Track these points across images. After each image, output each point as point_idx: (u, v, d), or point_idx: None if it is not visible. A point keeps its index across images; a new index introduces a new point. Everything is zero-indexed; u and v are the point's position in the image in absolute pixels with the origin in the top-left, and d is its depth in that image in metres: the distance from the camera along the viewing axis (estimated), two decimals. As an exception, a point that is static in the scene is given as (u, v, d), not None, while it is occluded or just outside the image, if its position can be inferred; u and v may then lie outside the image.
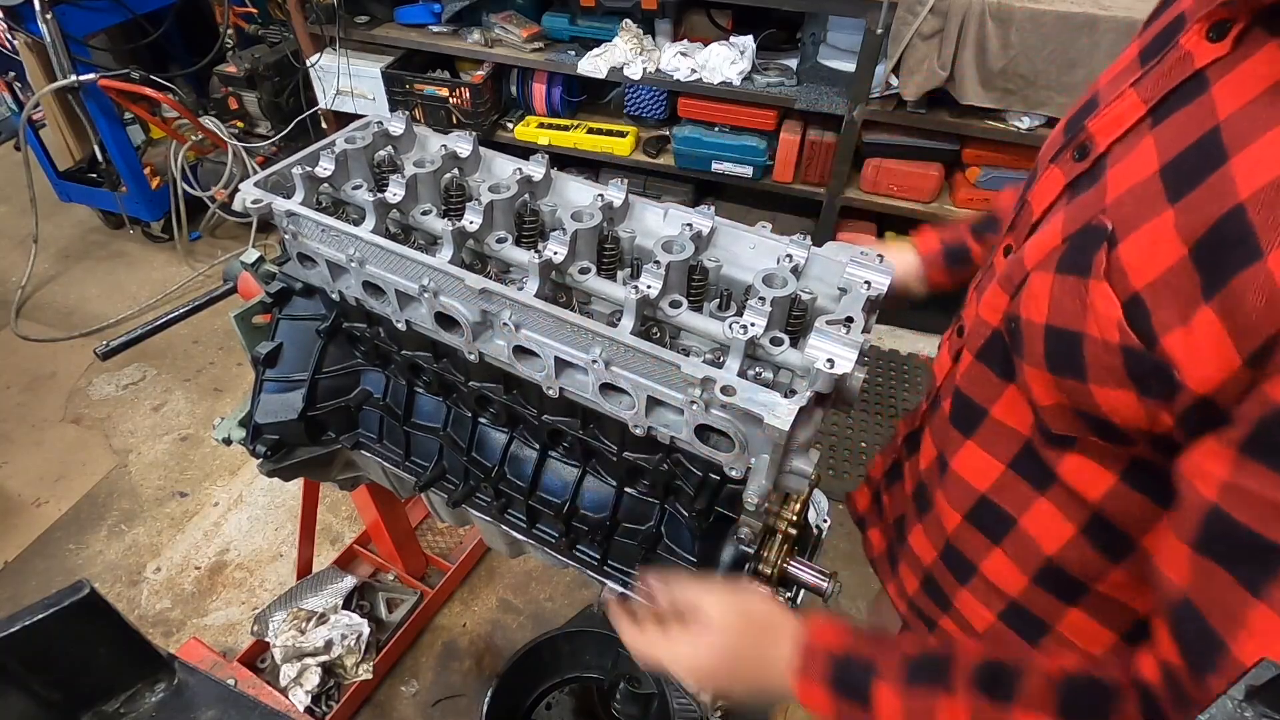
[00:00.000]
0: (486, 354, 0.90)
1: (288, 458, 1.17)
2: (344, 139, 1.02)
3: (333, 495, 2.31)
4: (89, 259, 3.39)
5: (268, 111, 3.18)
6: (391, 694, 1.90)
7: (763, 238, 0.89)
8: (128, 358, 2.76)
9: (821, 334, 0.74)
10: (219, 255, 3.35)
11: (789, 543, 0.97)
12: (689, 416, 0.78)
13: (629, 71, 2.50)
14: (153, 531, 2.29)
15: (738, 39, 2.49)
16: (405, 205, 0.95)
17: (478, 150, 1.04)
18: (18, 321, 3.03)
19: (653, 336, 0.84)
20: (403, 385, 1.12)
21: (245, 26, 3.36)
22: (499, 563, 2.19)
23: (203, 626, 2.05)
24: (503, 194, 0.92)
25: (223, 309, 1.35)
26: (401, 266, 0.89)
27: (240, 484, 2.42)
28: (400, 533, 1.91)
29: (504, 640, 2.02)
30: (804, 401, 0.71)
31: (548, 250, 0.85)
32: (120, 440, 2.56)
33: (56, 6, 2.58)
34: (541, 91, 2.79)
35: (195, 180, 3.13)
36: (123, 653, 1.00)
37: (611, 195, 0.93)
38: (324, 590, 1.93)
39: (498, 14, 2.69)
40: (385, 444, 1.18)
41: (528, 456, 1.05)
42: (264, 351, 1.11)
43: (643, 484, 0.99)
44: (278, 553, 2.23)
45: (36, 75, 2.80)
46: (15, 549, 2.22)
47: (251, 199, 0.94)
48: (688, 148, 2.61)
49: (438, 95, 2.78)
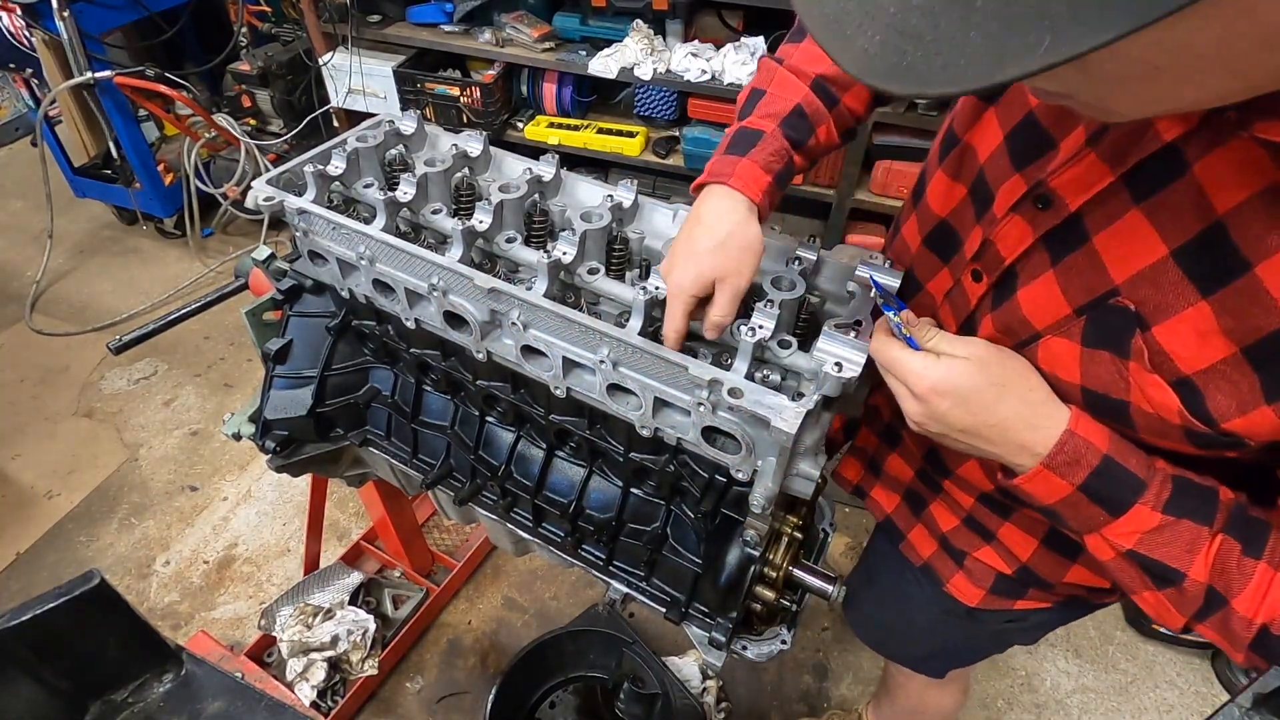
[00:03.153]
0: (494, 353, 0.91)
1: (296, 454, 1.17)
2: (355, 137, 1.02)
3: (340, 491, 2.32)
4: (103, 254, 3.42)
5: (280, 109, 3.20)
6: (396, 690, 1.91)
7: (772, 240, 0.89)
8: (140, 352, 2.78)
9: (830, 337, 0.73)
10: (231, 252, 3.37)
11: (795, 546, 0.97)
12: (696, 418, 0.78)
13: (639, 72, 2.50)
14: (162, 525, 2.31)
15: (749, 40, 2.49)
16: (416, 204, 0.96)
17: (488, 150, 1.05)
18: (32, 315, 3.06)
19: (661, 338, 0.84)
20: (411, 383, 1.13)
21: (259, 25, 3.38)
22: (504, 561, 2.20)
23: (210, 620, 2.07)
24: (513, 193, 0.93)
25: (234, 305, 1.36)
26: (411, 265, 0.89)
27: (249, 479, 2.43)
28: (407, 530, 1.92)
29: (509, 638, 2.02)
30: (811, 405, 0.71)
31: (557, 250, 0.85)
32: (131, 434, 2.58)
33: (74, 4, 2.61)
34: (552, 91, 2.80)
35: (208, 177, 3.15)
36: (132, 643, 1.01)
37: (621, 196, 0.94)
38: (331, 586, 1.94)
39: (509, 14, 2.69)
40: (393, 441, 1.19)
41: (534, 455, 1.06)
42: (274, 348, 1.11)
43: (649, 485, 1.00)
44: (285, 548, 2.24)
45: (53, 72, 2.83)
46: (27, 540, 2.25)
47: (264, 196, 0.95)
48: (697, 148, 2.61)
49: (449, 94, 2.79)
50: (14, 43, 2.85)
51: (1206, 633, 0.64)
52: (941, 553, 1.01)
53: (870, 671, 1.96)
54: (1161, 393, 0.58)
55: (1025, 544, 0.89)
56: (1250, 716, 0.32)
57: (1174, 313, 0.56)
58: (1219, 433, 0.57)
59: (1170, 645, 2.00)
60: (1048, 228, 0.65)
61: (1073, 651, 2.02)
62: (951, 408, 0.64)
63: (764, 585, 0.94)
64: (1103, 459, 0.62)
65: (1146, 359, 0.58)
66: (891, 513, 1.08)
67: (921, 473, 0.99)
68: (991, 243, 0.71)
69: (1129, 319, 0.59)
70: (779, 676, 1.96)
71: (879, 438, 1.05)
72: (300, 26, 3.14)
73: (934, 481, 0.96)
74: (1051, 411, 0.64)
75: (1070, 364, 0.64)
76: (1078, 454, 0.62)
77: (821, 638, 2.04)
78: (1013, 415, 0.63)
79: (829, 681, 1.95)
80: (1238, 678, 1.89)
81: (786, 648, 0.98)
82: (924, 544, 1.04)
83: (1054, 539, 0.87)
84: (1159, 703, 1.92)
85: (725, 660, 0.97)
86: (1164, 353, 0.57)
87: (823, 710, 1.88)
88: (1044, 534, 0.87)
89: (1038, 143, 0.67)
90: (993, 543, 0.93)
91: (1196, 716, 1.89)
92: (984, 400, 0.64)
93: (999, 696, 1.93)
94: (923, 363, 0.65)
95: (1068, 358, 0.64)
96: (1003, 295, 0.71)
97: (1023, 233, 0.67)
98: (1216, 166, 0.53)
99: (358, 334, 1.13)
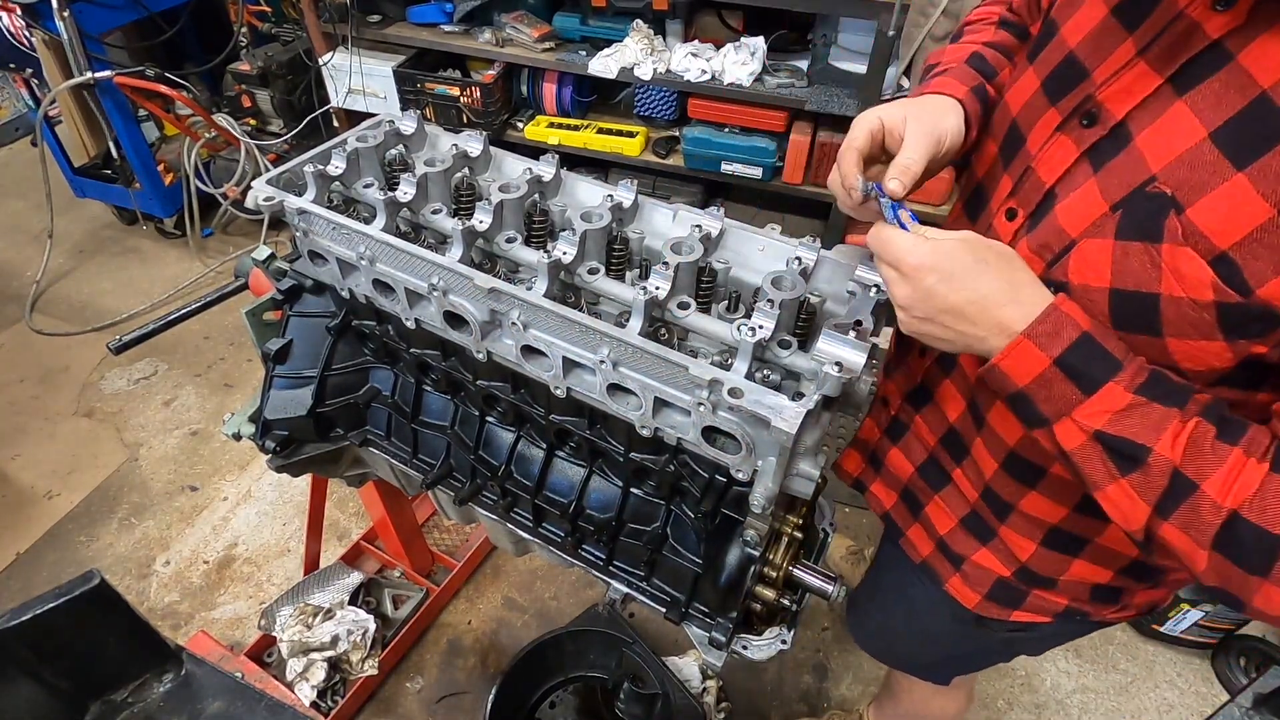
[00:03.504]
0: (495, 353, 0.91)
1: (296, 454, 1.17)
2: (355, 137, 1.02)
3: (340, 491, 2.32)
4: (103, 254, 3.42)
5: (280, 109, 3.20)
6: (396, 690, 1.91)
7: (772, 240, 0.89)
8: (140, 352, 2.78)
9: (830, 337, 0.73)
10: (231, 252, 3.37)
11: (795, 546, 0.97)
12: (696, 418, 0.78)
13: (639, 72, 2.50)
14: (162, 525, 2.31)
15: (748, 40, 2.49)
16: (416, 204, 0.96)
17: (488, 150, 1.05)
18: (32, 316, 3.06)
19: (661, 338, 0.84)
20: (411, 383, 1.13)
21: (259, 25, 3.38)
22: (504, 561, 2.20)
23: (210, 620, 2.07)
24: (513, 193, 0.93)
25: (234, 305, 1.36)
26: (411, 265, 0.89)
27: (249, 479, 2.43)
28: (407, 530, 1.92)
29: (509, 638, 2.02)
30: (811, 405, 0.71)
31: (557, 250, 0.85)
32: (131, 434, 2.58)
33: (74, 4, 2.61)
34: (552, 91, 2.80)
35: (208, 177, 3.15)
36: (132, 643, 1.01)
37: (621, 196, 0.94)
38: (331, 586, 1.94)
39: (509, 14, 2.69)
40: (393, 441, 1.19)
41: (535, 455, 1.06)
42: (274, 348, 1.11)
43: (649, 485, 1.00)
44: (285, 548, 2.24)
45: (53, 72, 2.83)
46: (27, 540, 2.25)
47: (264, 196, 0.95)
48: (697, 148, 2.61)
49: (449, 94, 2.79)
50: (14, 43, 2.85)
51: (1170, 532, 0.61)
52: (939, 554, 1.01)
53: (870, 672, 1.96)
54: (1195, 266, 0.58)
55: (1025, 544, 0.90)
56: (1250, 716, 0.32)
57: (1209, 190, 0.58)
58: (1253, 302, 0.57)
59: (1170, 645, 2.01)
60: (1093, 141, 0.67)
61: (1073, 651, 2.02)
62: (937, 283, 0.65)
63: (764, 585, 0.94)
64: (1082, 334, 0.62)
65: (1180, 236, 0.59)
66: (890, 509, 1.08)
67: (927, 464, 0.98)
68: (1032, 170, 0.73)
69: (1164, 204, 0.60)
70: (779, 676, 1.96)
71: (882, 430, 1.05)
72: (300, 26, 3.14)
73: (940, 473, 0.96)
74: (1035, 291, 0.65)
75: (1102, 265, 0.65)
76: (1059, 326, 0.63)
77: (821, 638, 2.04)
78: (996, 290, 0.64)
79: (829, 681, 1.95)
80: (1237, 678, 1.89)
81: (786, 648, 0.98)
82: (923, 543, 1.04)
83: (1054, 538, 0.87)
84: (1159, 703, 1.92)
85: (725, 660, 0.97)
86: (1199, 232, 0.58)
87: (823, 710, 1.88)
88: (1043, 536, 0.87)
89: (1073, 77, 0.70)
90: (991, 543, 0.93)
91: (1196, 716, 1.89)
92: (969, 276, 0.65)
93: (999, 696, 1.93)
94: (913, 240, 0.67)
95: (1100, 258, 0.65)
96: (1038, 219, 0.72)
97: (1068, 152, 0.69)
98: (1261, 49, 0.56)
99: (358, 334, 1.13)
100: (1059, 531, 0.86)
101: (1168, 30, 0.61)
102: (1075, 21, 0.71)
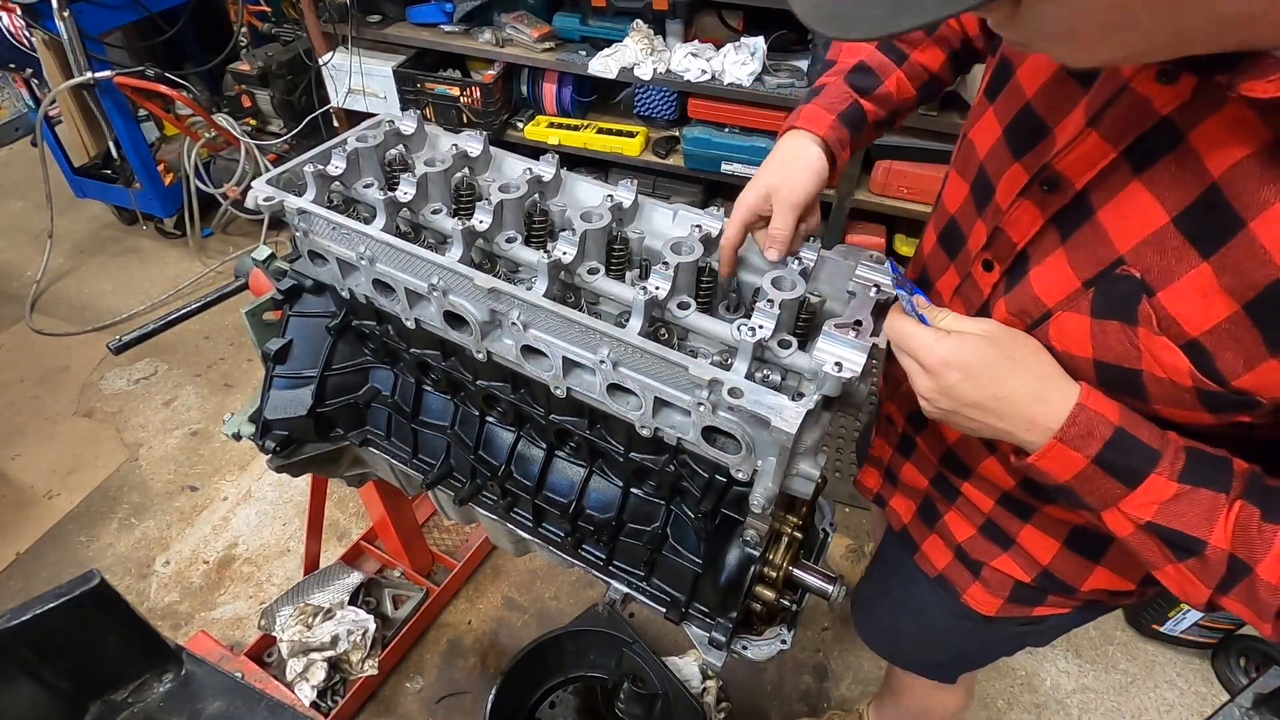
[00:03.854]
0: (494, 353, 0.91)
1: (296, 454, 1.17)
2: (355, 137, 1.02)
3: (340, 491, 2.32)
4: (103, 254, 3.43)
5: (280, 109, 3.20)
6: (396, 690, 1.91)
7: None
8: (140, 352, 2.78)
9: (830, 337, 0.73)
10: (231, 252, 3.37)
11: (795, 546, 0.97)
12: (696, 418, 0.78)
13: (639, 72, 2.50)
14: (162, 525, 2.31)
15: (748, 40, 2.49)
16: (416, 204, 0.96)
17: (488, 149, 1.05)
18: (32, 315, 3.06)
19: (660, 338, 0.84)
20: (411, 383, 1.13)
21: (259, 25, 3.38)
22: (504, 561, 2.20)
23: (210, 620, 2.07)
24: (513, 194, 0.93)
25: (234, 305, 1.36)
26: (411, 265, 0.89)
27: (249, 479, 2.43)
28: (407, 530, 1.92)
29: (509, 638, 2.02)
30: (811, 405, 0.71)
31: (557, 250, 0.85)
32: (131, 434, 2.58)
33: (74, 4, 2.61)
34: (552, 91, 2.80)
35: (208, 177, 3.15)
36: (132, 643, 1.01)
37: (621, 196, 0.94)
38: (331, 586, 1.94)
39: (509, 14, 2.69)
40: (393, 441, 1.19)
41: (535, 456, 1.06)
42: (274, 348, 1.11)
43: (649, 485, 1.00)
44: (285, 548, 2.24)
45: (53, 72, 2.83)
46: (27, 540, 2.25)
47: (264, 196, 0.95)
48: (697, 148, 2.61)
49: (449, 94, 2.79)
50: (14, 43, 2.85)
51: (1232, 605, 0.63)
52: (957, 563, 1.00)
53: (870, 671, 1.96)
54: (1172, 355, 0.59)
55: (1047, 547, 0.89)
56: (1250, 716, 0.32)
57: (1177, 276, 0.57)
58: (1231, 391, 0.57)
59: (1170, 645, 2.01)
60: (1056, 208, 0.67)
61: (1073, 651, 2.02)
62: (960, 380, 0.65)
63: (764, 585, 0.94)
64: (1115, 430, 0.62)
65: (1155, 324, 0.59)
66: (909, 523, 1.07)
67: (938, 479, 0.98)
68: (1002, 230, 0.72)
69: (1135, 286, 0.60)
70: (779, 676, 1.96)
71: (894, 448, 1.05)
72: (300, 26, 3.14)
73: (951, 487, 0.96)
74: (1061, 386, 0.64)
75: (1082, 338, 0.65)
76: (1090, 426, 0.62)
77: (821, 638, 2.04)
78: (1022, 388, 0.64)
79: (829, 681, 1.95)
80: (1238, 678, 1.89)
81: (786, 648, 0.98)
82: (938, 555, 1.03)
83: (1076, 540, 0.86)
84: (1159, 703, 1.92)
85: (725, 660, 0.97)
86: (1170, 317, 0.58)
87: (823, 710, 1.88)
88: (1066, 535, 0.87)
89: (1034, 132, 0.69)
90: (1011, 549, 0.92)
91: (1196, 716, 1.89)
92: (993, 373, 0.64)
93: (999, 696, 1.93)
94: (933, 337, 0.66)
95: (1079, 332, 0.65)
96: (1015, 279, 0.72)
97: (1033, 217, 0.69)
98: (1210, 133, 0.55)
99: (358, 334, 1.13)
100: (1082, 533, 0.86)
101: (1119, 99, 0.60)
102: (1032, 64, 0.70)
